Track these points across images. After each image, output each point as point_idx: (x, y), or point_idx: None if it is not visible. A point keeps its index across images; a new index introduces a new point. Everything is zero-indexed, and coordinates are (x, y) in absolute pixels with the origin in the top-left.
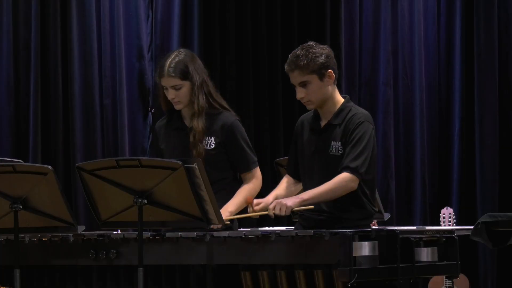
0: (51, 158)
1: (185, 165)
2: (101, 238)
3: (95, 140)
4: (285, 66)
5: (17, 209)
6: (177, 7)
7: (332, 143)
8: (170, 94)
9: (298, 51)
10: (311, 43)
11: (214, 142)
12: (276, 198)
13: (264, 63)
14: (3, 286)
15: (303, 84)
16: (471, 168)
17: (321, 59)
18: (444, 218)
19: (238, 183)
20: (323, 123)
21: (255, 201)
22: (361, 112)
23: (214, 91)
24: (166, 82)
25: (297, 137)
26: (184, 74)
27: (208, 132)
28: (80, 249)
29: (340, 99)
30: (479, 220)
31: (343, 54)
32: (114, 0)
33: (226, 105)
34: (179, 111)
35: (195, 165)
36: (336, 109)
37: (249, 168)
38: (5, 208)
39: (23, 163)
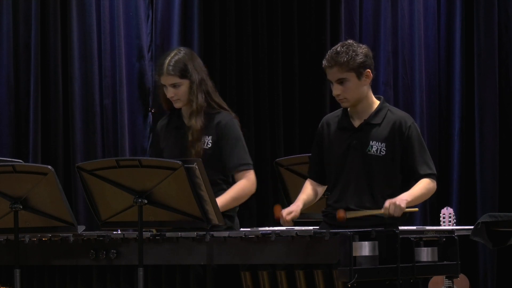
0: (51, 158)
1: (185, 165)
2: (101, 238)
3: (95, 140)
4: (324, 62)
5: (17, 209)
6: (177, 7)
7: (372, 142)
8: (169, 92)
9: (338, 47)
10: (350, 41)
11: (211, 141)
12: (304, 203)
13: (264, 63)
14: (3, 286)
15: (341, 81)
16: (471, 168)
17: (361, 58)
18: (444, 218)
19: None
20: (357, 122)
21: (286, 210)
22: (403, 113)
23: (213, 91)
24: (165, 80)
25: (322, 138)
26: (183, 72)
27: (205, 131)
28: (80, 249)
29: (375, 100)
30: (479, 220)
31: None
32: (114, 0)
33: (225, 105)
34: (180, 110)
35: (195, 165)
36: (372, 109)
37: (239, 168)
38: (5, 208)
39: (23, 163)
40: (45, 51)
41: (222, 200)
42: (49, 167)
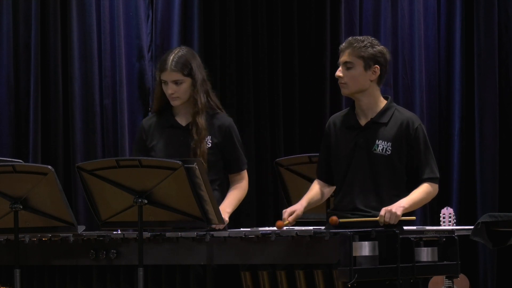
0: (51, 158)
1: (185, 165)
2: (101, 238)
3: (95, 140)
4: (341, 45)
5: (17, 209)
6: (177, 7)
7: (378, 141)
8: (170, 89)
9: (360, 36)
10: (374, 38)
11: (210, 141)
12: (309, 202)
13: (264, 63)
14: (3, 286)
15: (347, 65)
16: (471, 168)
17: (375, 51)
18: (444, 218)
19: (227, 184)
20: (363, 120)
21: (288, 210)
22: (410, 114)
23: (211, 91)
24: (168, 76)
25: (329, 138)
26: (186, 70)
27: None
28: (80, 249)
29: (382, 99)
30: (479, 220)
31: None
32: (114, 0)
33: (220, 106)
34: (171, 109)
35: (195, 165)
36: (379, 108)
37: (240, 169)
38: (5, 208)
39: (23, 163)
40: (45, 51)
41: (232, 202)
42: (49, 167)
